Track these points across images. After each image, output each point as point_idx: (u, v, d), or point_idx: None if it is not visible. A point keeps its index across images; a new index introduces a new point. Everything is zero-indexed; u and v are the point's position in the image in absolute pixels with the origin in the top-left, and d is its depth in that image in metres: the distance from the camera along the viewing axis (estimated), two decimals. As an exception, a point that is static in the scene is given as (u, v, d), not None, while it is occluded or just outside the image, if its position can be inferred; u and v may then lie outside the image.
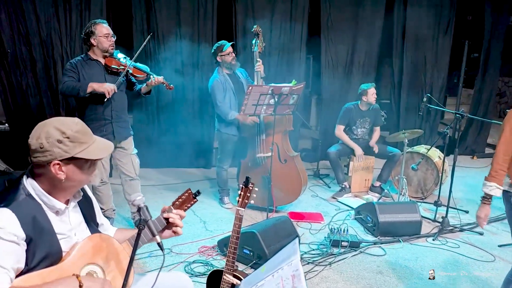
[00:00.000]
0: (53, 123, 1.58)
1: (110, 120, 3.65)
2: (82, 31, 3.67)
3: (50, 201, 1.61)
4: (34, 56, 5.26)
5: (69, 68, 3.55)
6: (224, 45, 4.34)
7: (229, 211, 4.62)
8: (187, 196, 1.92)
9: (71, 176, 1.59)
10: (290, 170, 4.44)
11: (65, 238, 1.65)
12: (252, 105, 3.94)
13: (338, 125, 5.20)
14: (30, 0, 5.11)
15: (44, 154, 1.55)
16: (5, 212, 1.48)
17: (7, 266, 1.44)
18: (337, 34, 6.35)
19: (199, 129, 6.09)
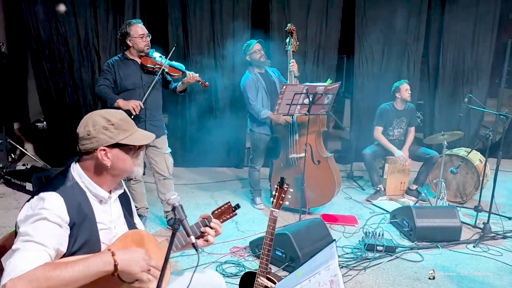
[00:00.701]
0: (99, 113, 1.66)
1: (144, 119, 3.67)
2: (118, 31, 3.71)
3: (95, 189, 1.66)
4: (72, 56, 5.38)
5: (105, 69, 3.60)
6: (251, 43, 4.33)
7: (261, 212, 4.57)
8: (226, 208, 1.95)
9: (116, 162, 1.65)
10: (324, 171, 4.35)
11: (105, 229, 1.68)
12: (286, 104, 3.87)
13: (377, 127, 5.06)
14: (70, 1, 5.23)
15: (91, 141, 1.61)
16: (53, 195, 1.53)
17: (48, 245, 1.46)
18: (371, 33, 6.20)
19: (231, 129, 6.07)
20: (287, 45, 4.31)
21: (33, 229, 1.46)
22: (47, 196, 1.52)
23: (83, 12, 5.33)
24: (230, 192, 5.17)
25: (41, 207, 1.49)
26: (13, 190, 4.89)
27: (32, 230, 1.45)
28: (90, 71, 5.47)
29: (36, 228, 1.46)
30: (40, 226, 1.46)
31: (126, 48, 3.66)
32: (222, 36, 5.79)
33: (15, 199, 4.65)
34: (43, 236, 1.45)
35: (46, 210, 1.48)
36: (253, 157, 4.60)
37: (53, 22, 5.27)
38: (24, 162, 5.57)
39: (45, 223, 1.47)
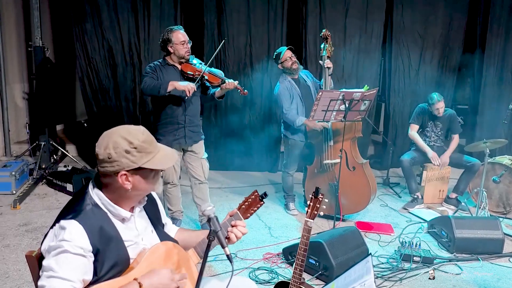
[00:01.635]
0: (119, 132, 1.58)
1: (183, 125, 3.72)
2: (160, 37, 3.77)
3: (116, 210, 1.62)
4: (116, 62, 5.56)
5: (149, 71, 3.66)
6: (281, 51, 4.30)
7: (294, 218, 4.54)
8: (253, 199, 1.87)
9: (137, 185, 1.60)
10: (359, 178, 4.28)
11: (132, 245, 1.66)
12: (321, 110, 3.84)
13: (412, 125, 4.94)
14: (114, 10, 5.42)
15: (112, 164, 1.55)
16: (73, 225, 1.50)
17: (73, 279, 1.46)
18: (409, 36, 6.06)
19: (265, 133, 6.08)
20: (321, 51, 4.27)
21: (56, 264, 1.45)
22: (67, 225, 1.50)
23: (126, 19, 5.50)
24: (263, 196, 5.16)
25: (62, 238, 1.47)
26: (55, 191, 5.07)
27: (55, 264, 1.45)
28: (132, 75, 5.65)
29: (59, 262, 1.45)
30: (63, 259, 1.46)
31: (167, 54, 3.72)
32: (257, 40, 5.81)
33: (56, 200, 4.82)
34: (67, 270, 1.45)
35: (66, 241, 1.47)
36: (286, 163, 4.58)
37: (98, 28, 5.46)
38: (65, 163, 5.76)
39: (67, 256, 1.46)
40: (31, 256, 1.65)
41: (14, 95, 6.39)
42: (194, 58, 3.78)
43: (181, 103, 3.65)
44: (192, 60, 3.75)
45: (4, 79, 6.02)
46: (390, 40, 6.09)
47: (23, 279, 3.16)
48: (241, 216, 1.85)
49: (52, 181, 5.14)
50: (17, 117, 6.51)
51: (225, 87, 3.66)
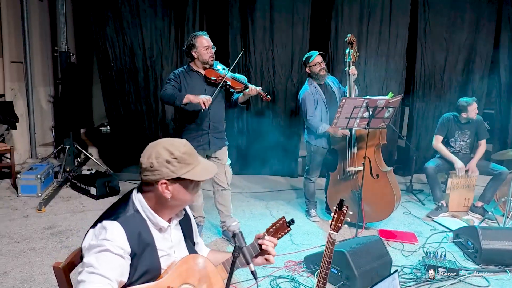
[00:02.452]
0: (163, 144, 1.65)
1: (207, 131, 3.73)
2: (184, 43, 3.79)
3: (155, 218, 1.67)
4: (137, 67, 5.62)
5: (172, 78, 3.68)
6: (311, 55, 4.25)
7: (315, 225, 4.50)
8: (281, 224, 1.88)
9: (176, 195, 1.65)
10: (383, 186, 4.22)
11: (165, 256, 1.70)
12: (344, 118, 3.80)
13: (436, 136, 4.84)
14: (136, 15, 5.48)
15: (153, 173, 1.61)
16: (115, 226, 1.56)
17: (112, 278, 1.51)
18: (435, 39, 5.95)
19: (286, 138, 6.06)
20: (346, 56, 4.23)
21: (97, 261, 1.51)
22: (109, 226, 1.56)
23: (148, 24, 5.55)
24: (284, 202, 5.14)
25: (104, 237, 1.53)
26: (79, 194, 5.15)
27: (95, 261, 1.51)
28: (153, 80, 5.69)
29: (100, 260, 1.51)
30: (103, 257, 1.51)
31: (191, 59, 3.74)
32: (280, 45, 5.80)
33: (80, 203, 4.90)
34: (107, 268, 1.50)
35: (108, 241, 1.52)
36: (308, 169, 4.55)
37: (120, 33, 5.53)
38: (89, 167, 5.85)
39: (107, 254, 1.51)
40: (58, 268, 1.67)
41: (40, 99, 6.53)
42: (218, 64, 3.79)
43: (205, 110, 3.64)
44: (216, 65, 3.76)
45: (30, 82, 6.15)
46: (415, 44, 5.99)
47: (48, 283, 3.21)
48: None
49: (76, 184, 5.22)
50: (43, 120, 6.65)
51: (248, 93, 3.65)
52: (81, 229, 4.16)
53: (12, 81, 6.15)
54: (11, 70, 6.11)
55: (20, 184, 4.97)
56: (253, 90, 3.62)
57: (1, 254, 3.62)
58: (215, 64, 3.75)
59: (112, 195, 5.04)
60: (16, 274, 3.32)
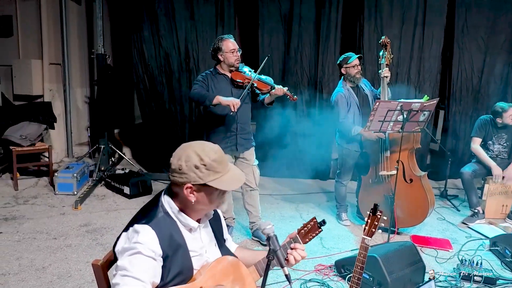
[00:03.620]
0: (194, 148, 1.65)
1: (235, 132, 3.76)
2: (211, 46, 3.84)
3: (185, 219, 1.68)
4: (172, 68, 5.72)
5: (200, 79, 3.73)
6: (350, 57, 4.20)
7: (346, 228, 4.45)
8: (312, 225, 1.87)
9: (200, 200, 1.65)
10: (416, 190, 4.13)
11: (197, 256, 1.71)
12: (378, 121, 3.74)
13: (474, 138, 4.70)
14: (172, 17, 5.58)
15: (181, 175, 1.62)
16: (146, 229, 1.58)
17: (145, 280, 1.53)
18: (473, 41, 5.78)
19: (317, 140, 6.02)
20: (380, 58, 4.17)
21: (130, 264, 1.53)
22: (140, 229, 1.58)
23: (183, 26, 5.65)
24: (315, 205, 5.11)
25: (136, 240, 1.55)
26: (113, 193, 5.27)
27: (129, 264, 1.53)
28: (187, 82, 5.79)
29: (133, 263, 1.53)
30: (136, 260, 1.53)
31: (217, 62, 3.78)
32: (311, 47, 5.77)
33: (114, 201, 5.01)
34: (140, 271, 1.52)
35: (140, 244, 1.54)
36: (340, 172, 4.51)
37: (155, 36, 5.64)
38: (123, 166, 5.98)
39: (140, 257, 1.53)
40: (97, 265, 1.71)
41: (76, 99, 6.73)
42: (244, 66, 3.83)
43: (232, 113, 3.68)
44: (242, 68, 3.80)
45: (68, 84, 6.35)
46: (451, 45, 5.84)
47: (83, 279, 3.30)
48: (300, 240, 1.86)
49: (110, 183, 5.35)
50: (79, 120, 6.84)
51: (275, 93, 3.67)
52: (115, 227, 4.26)
53: (51, 83, 6.37)
54: (50, 72, 6.33)
55: (57, 182, 5.13)
56: (280, 90, 3.65)
57: (40, 250, 3.75)
58: (241, 67, 3.79)
59: (145, 195, 5.14)
60: (54, 269, 3.43)
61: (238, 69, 3.77)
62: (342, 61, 4.26)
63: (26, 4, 6.21)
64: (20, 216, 4.46)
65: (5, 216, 4.45)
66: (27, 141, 5.40)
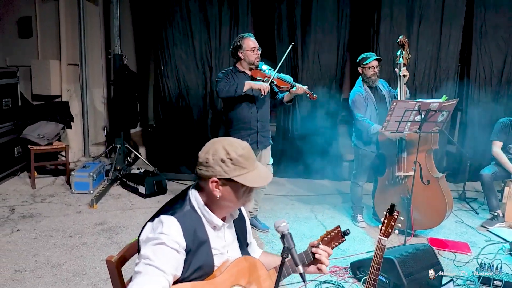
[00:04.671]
0: (222, 142, 1.65)
1: (256, 130, 3.83)
2: (231, 44, 3.88)
3: (210, 216, 1.68)
4: (188, 69, 5.78)
5: (222, 76, 3.80)
6: (368, 57, 4.16)
7: (362, 230, 4.39)
8: (335, 234, 1.86)
9: (225, 196, 1.64)
10: (434, 192, 4.06)
11: (219, 254, 1.70)
12: (395, 121, 3.68)
13: (495, 141, 4.59)
14: (187, 19, 5.67)
15: (207, 169, 1.62)
16: (172, 220, 1.59)
17: (167, 271, 1.53)
18: (492, 41, 5.67)
19: (333, 141, 5.98)
20: (398, 58, 4.11)
21: (153, 253, 1.53)
22: (166, 220, 1.59)
23: (198, 28, 5.69)
24: (330, 206, 5.06)
25: (161, 231, 1.56)
26: (128, 192, 5.30)
27: (152, 254, 1.53)
28: (203, 82, 5.83)
29: (156, 253, 1.53)
30: (159, 250, 1.53)
31: (237, 60, 3.83)
32: (326, 47, 5.74)
33: (129, 200, 5.04)
34: (163, 261, 1.52)
35: (164, 235, 1.55)
36: (356, 173, 4.46)
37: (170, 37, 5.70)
38: (138, 166, 6.01)
39: (164, 248, 1.54)
40: (111, 262, 1.71)
41: (93, 99, 6.79)
42: (263, 64, 3.88)
43: (253, 110, 3.75)
44: (261, 66, 3.85)
45: (85, 84, 6.41)
46: (470, 46, 5.73)
47: (98, 277, 3.32)
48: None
49: (126, 183, 5.38)
50: (96, 120, 6.91)
51: (295, 92, 3.74)
52: (130, 226, 4.28)
53: (68, 83, 6.45)
54: (68, 72, 6.41)
55: (73, 181, 5.18)
56: (300, 89, 3.70)
57: (56, 247, 3.79)
58: (260, 65, 3.84)
59: (160, 194, 5.15)
60: (69, 267, 3.46)
61: (257, 67, 3.83)
62: (361, 60, 4.22)
63: (45, 6, 6.30)
64: (37, 214, 4.52)
65: (22, 214, 4.51)
66: (45, 140, 5.47)
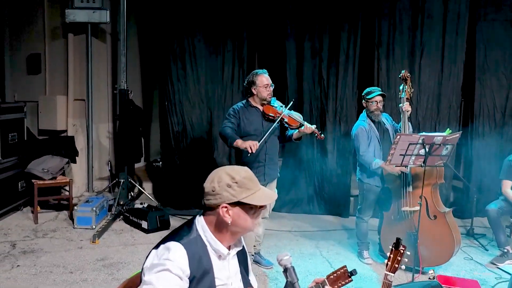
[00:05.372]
0: (225, 169, 1.72)
1: (264, 163, 3.90)
2: (245, 80, 4.03)
3: (216, 244, 1.69)
4: (193, 104, 5.85)
5: (231, 113, 3.89)
6: (373, 92, 4.21)
7: (368, 267, 4.29)
8: (342, 273, 1.84)
9: (236, 220, 1.67)
10: (441, 227, 3.98)
11: (222, 285, 1.69)
12: (399, 155, 3.67)
13: (504, 181, 4.51)
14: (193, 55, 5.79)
15: (215, 197, 1.66)
16: (178, 247, 1.60)
17: None
18: (494, 76, 5.73)
19: (337, 175, 5.94)
20: (400, 92, 4.15)
21: (157, 280, 1.54)
22: (172, 246, 1.60)
23: (203, 64, 5.80)
24: (335, 242, 4.97)
25: (166, 257, 1.57)
26: (131, 227, 5.24)
27: (155, 280, 1.54)
28: (207, 117, 5.88)
29: (160, 279, 1.54)
30: (163, 277, 1.54)
31: (250, 95, 3.94)
32: (330, 83, 5.82)
33: (132, 236, 4.98)
34: (165, 287, 1.52)
35: (170, 261, 1.56)
36: (361, 208, 4.40)
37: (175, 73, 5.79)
38: (142, 201, 5.98)
39: (167, 274, 1.54)
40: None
41: (99, 134, 6.84)
42: (275, 101, 3.99)
43: (260, 142, 3.81)
44: (273, 102, 3.96)
45: (91, 119, 6.48)
46: (473, 81, 5.79)
47: (98, 314, 3.24)
48: (329, 285, 1.82)
49: (129, 218, 5.33)
50: (101, 155, 6.93)
51: (303, 130, 3.83)
52: (131, 262, 4.21)
53: (75, 118, 6.53)
54: (74, 107, 6.50)
55: (76, 216, 5.14)
56: (308, 128, 3.80)
57: (56, 284, 3.72)
58: (272, 101, 3.94)
59: (163, 230, 5.08)
60: (68, 304, 3.38)
61: (269, 103, 3.93)
62: (365, 94, 4.26)
63: (54, 43, 6.47)
64: (38, 250, 4.46)
65: (23, 249, 4.46)
66: (49, 175, 5.47)
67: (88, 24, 6.14)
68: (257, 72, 3.93)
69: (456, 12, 5.60)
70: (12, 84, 6.66)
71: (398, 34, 5.67)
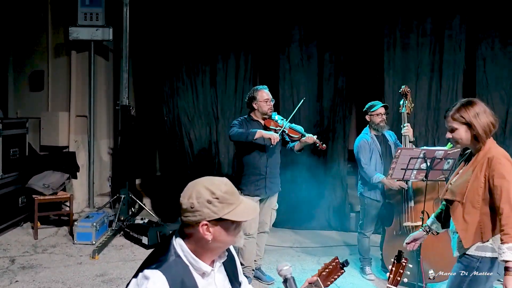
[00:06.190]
0: (203, 183, 1.59)
1: (265, 176, 3.93)
2: (246, 96, 4.12)
3: (197, 263, 1.60)
4: (192, 120, 5.87)
5: (236, 123, 3.98)
6: (375, 105, 4.25)
7: (371, 283, 4.25)
8: (334, 266, 1.77)
9: (217, 237, 1.57)
10: (443, 243, 3.92)
11: None
12: (400, 169, 3.66)
13: None
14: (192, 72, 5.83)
15: (194, 214, 1.55)
16: (156, 275, 1.51)
17: None
18: (494, 93, 5.75)
19: (338, 191, 5.92)
20: (401, 107, 4.17)
21: None
22: (151, 275, 1.51)
23: (203, 79, 5.85)
24: (337, 258, 4.91)
25: (145, 287, 1.49)
26: (131, 243, 5.21)
27: None
28: (207, 133, 5.91)
29: None
30: None
31: (251, 110, 4.03)
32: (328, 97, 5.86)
33: (132, 252, 4.94)
34: None
35: None
36: (362, 223, 4.37)
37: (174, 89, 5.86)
38: (142, 216, 5.95)
39: None
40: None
41: (100, 150, 6.84)
42: (276, 115, 4.08)
43: (263, 156, 3.90)
44: (274, 116, 4.04)
45: (93, 135, 6.50)
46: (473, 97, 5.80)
47: (96, 330, 3.19)
48: (322, 284, 1.76)
49: (129, 233, 5.30)
50: (101, 171, 6.92)
51: (305, 141, 3.88)
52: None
53: (76, 134, 6.55)
54: (76, 123, 6.53)
55: (76, 232, 5.11)
56: (310, 138, 3.85)
57: (54, 299, 3.67)
58: (273, 115, 4.03)
59: (163, 245, 5.05)
60: (67, 320, 3.34)
61: (270, 117, 4.02)
62: (368, 108, 4.29)
63: (57, 60, 6.53)
64: (38, 265, 4.43)
65: (22, 265, 4.42)
66: (50, 190, 5.46)
67: (91, 42, 6.22)
68: (258, 88, 4.05)
69: (455, 29, 5.68)
70: (15, 100, 6.71)
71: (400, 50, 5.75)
